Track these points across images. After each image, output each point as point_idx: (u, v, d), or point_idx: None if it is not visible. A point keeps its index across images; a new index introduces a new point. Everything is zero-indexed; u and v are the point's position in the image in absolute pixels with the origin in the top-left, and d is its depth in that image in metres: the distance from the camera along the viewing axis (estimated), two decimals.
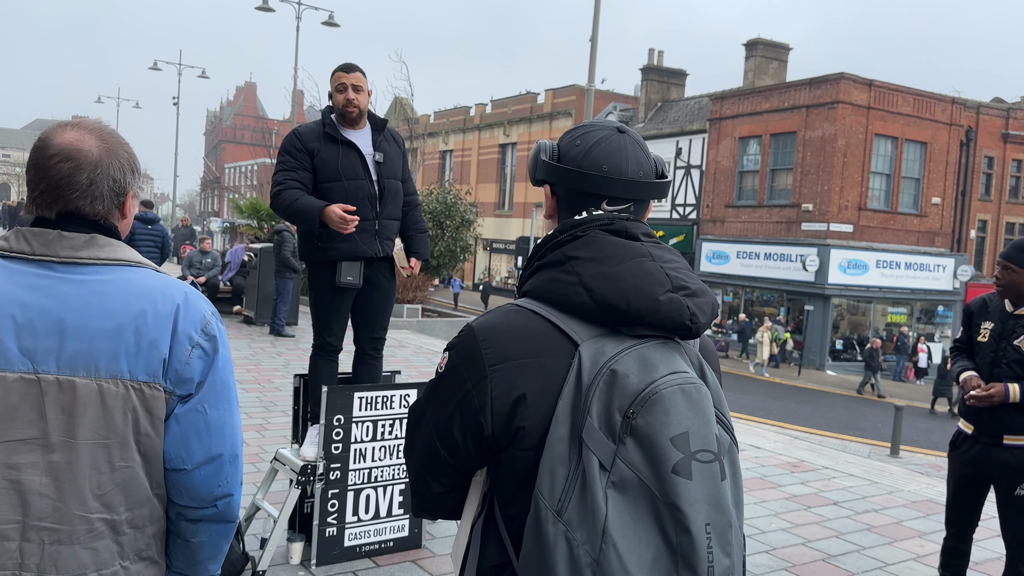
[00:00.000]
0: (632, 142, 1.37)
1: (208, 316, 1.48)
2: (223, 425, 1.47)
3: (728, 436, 1.24)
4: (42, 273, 1.39)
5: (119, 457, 1.39)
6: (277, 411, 7.02)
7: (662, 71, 34.72)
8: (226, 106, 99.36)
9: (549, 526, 1.14)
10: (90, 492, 1.37)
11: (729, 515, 1.17)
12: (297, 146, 3.76)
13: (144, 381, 1.39)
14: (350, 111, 3.76)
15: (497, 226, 41.70)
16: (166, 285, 1.45)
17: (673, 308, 1.22)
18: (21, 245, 1.40)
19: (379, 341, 4.12)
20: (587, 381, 1.18)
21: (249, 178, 70.86)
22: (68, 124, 1.47)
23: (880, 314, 27.26)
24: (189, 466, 1.44)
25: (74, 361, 1.35)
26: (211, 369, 1.45)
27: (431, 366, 10.04)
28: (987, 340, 3.53)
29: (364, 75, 3.81)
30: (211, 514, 1.49)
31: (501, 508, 1.28)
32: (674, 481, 1.13)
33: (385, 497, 3.96)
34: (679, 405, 1.16)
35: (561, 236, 1.31)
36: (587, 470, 1.14)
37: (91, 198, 1.43)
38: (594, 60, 15.75)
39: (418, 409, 1.37)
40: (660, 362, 1.20)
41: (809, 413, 16.28)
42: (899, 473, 6.81)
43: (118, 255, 1.44)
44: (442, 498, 1.38)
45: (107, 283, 1.40)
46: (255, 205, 18.25)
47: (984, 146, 28.20)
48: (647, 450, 1.14)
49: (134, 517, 1.42)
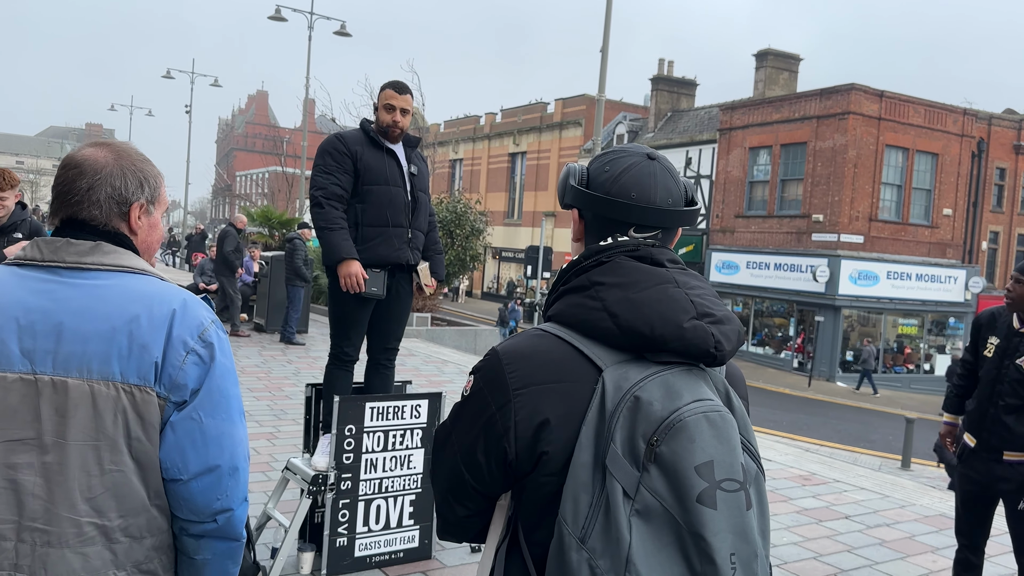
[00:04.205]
0: (662, 169, 1.36)
1: (207, 323, 1.47)
2: (221, 435, 1.45)
3: (755, 464, 1.23)
4: (48, 278, 1.42)
5: (109, 460, 1.38)
6: (288, 419, 7.03)
7: (672, 81, 34.74)
8: (238, 114, 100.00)
9: (573, 553, 1.13)
10: (79, 494, 1.37)
11: (755, 545, 1.16)
12: (340, 148, 3.80)
13: (135, 384, 1.39)
14: (394, 131, 3.86)
15: (506, 235, 41.73)
16: (165, 291, 1.46)
17: (698, 335, 1.21)
18: (34, 252, 1.45)
19: (392, 352, 4.15)
20: (611, 407, 1.17)
21: (260, 186, 71.10)
22: (96, 142, 1.53)
23: (891, 325, 27.11)
24: (185, 476, 1.43)
25: (68, 362, 1.37)
26: (207, 376, 1.44)
27: (440, 375, 10.05)
28: (991, 356, 3.55)
29: (412, 97, 3.91)
30: (211, 529, 1.48)
31: (525, 533, 1.28)
32: (699, 510, 1.11)
33: (396, 507, 3.96)
34: (704, 433, 1.15)
35: (586, 261, 1.31)
36: (611, 497, 1.13)
37: (88, 204, 1.46)
38: (604, 70, 15.77)
39: (444, 431, 1.36)
40: (684, 389, 1.19)
41: (819, 425, 16.19)
42: (911, 487, 6.76)
43: (123, 262, 1.47)
44: (467, 521, 1.38)
45: (106, 287, 1.42)
46: (266, 213, 18.34)
47: (996, 157, 28.08)
48: (671, 478, 1.13)
49: (128, 525, 1.41)
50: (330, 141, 3.86)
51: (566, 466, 1.18)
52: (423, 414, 4.01)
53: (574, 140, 38.03)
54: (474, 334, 15.09)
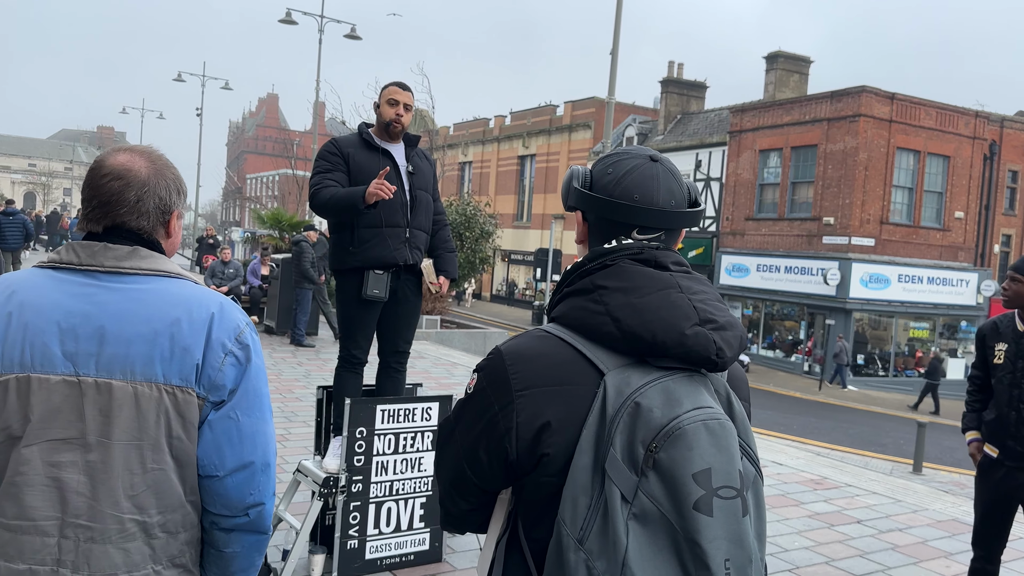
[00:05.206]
0: (665, 171, 1.37)
1: (242, 326, 1.54)
2: (255, 433, 1.52)
3: (753, 468, 1.24)
4: (87, 282, 1.46)
5: (151, 459, 1.44)
6: (298, 421, 7.05)
7: (682, 83, 34.67)
8: (248, 117, 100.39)
9: (570, 554, 1.15)
10: (122, 492, 1.42)
11: (750, 551, 1.18)
12: (333, 150, 3.91)
13: (177, 385, 1.45)
14: (395, 126, 3.90)
15: (515, 237, 41.74)
16: (202, 295, 1.52)
17: (699, 342, 1.22)
18: (70, 256, 1.49)
19: (403, 355, 4.15)
20: (611, 412, 1.19)
21: (271, 188, 71.40)
22: (122, 148, 1.57)
23: (902, 329, 26.97)
24: (221, 472, 1.49)
25: (112, 364, 1.42)
26: (244, 377, 1.51)
27: (450, 377, 10.06)
28: (1003, 361, 3.54)
29: (413, 96, 3.98)
30: (243, 523, 1.53)
31: (525, 530, 1.30)
32: (695, 517, 1.13)
33: (406, 510, 3.96)
34: (702, 441, 1.16)
35: (590, 264, 1.32)
36: (609, 501, 1.15)
37: (137, 214, 1.52)
38: (614, 72, 15.77)
39: (448, 426, 1.38)
40: (685, 396, 1.20)
41: (830, 429, 16.12)
42: (923, 491, 6.72)
43: (159, 266, 1.52)
44: (469, 514, 1.41)
45: (145, 291, 1.47)
46: (277, 215, 18.39)
47: (1008, 160, 27.90)
48: (669, 485, 1.14)
49: (166, 521, 1.46)
50: (326, 145, 3.98)
51: (566, 468, 1.20)
52: (434, 417, 4.01)
53: (583, 143, 38.03)
54: (483, 337, 15.10)
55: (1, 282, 1.48)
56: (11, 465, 1.40)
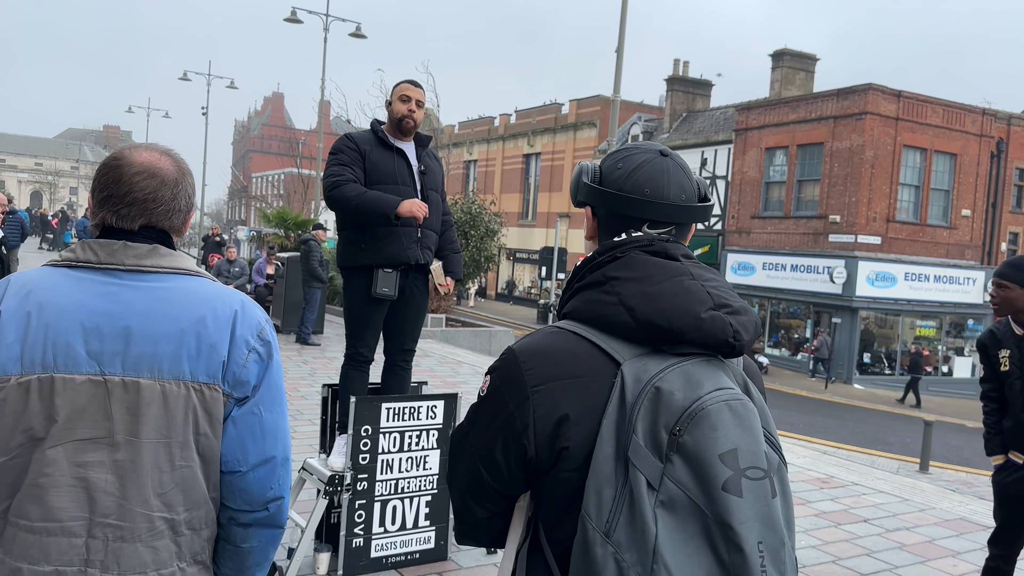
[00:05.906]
0: (674, 165, 1.36)
1: (263, 323, 1.55)
2: (276, 428, 1.53)
3: (777, 455, 1.22)
4: (108, 280, 1.46)
5: (179, 456, 1.44)
6: (303, 419, 7.06)
7: (687, 81, 34.60)
8: (254, 116, 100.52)
9: (598, 548, 1.12)
10: (152, 490, 1.42)
11: (781, 534, 1.14)
12: (350, 146, 3.87)
13: (204, 382, 1.45)
14: (407, 122, 3.89)
15: (520, 236, 41.71)
16: (224, 293, 1.53)
17: (715, 326, 1.20)
18: (88, 255, 1.47)
19: (409, 353, 4.15)
20: (631, 399, 1.17)
21: (276, 187, 71.51)
22: (140, 146, 1.57)
23: (909, 327, 26.88)
24: (244, 468, 1.50)
25: (139, 363, 1.42)
26: (266, 373, 1.52)
27: (455, 376, 10.05)
28: (1010, 368, 3.54)
29: (424, 94, 3.97)
30: (263, 518, 1.54)
31: (546, 532, 1.27)
32: (724, 499, 1.10)
33: (411, 508, 3.96)
34: (726, 421, 1.14)
35: (601, 257, 1.31)
36: (635, 490, 1.12)
37: (171, 212, 1.53)
38: (620, 70, 15.73)
39: (460, 433, 1.36)
40: (705, 378, 1.18)
41: (836, 427, 16.07)
42: (930, 490, 6.70)
43: (179, 264, 1.52)
44: (486, 523, 1.37)
45: (169, 290, 1.47)
46: (282, 214, 18.43)
47: (1016, 157, 27.76)
48: (695, 468, 1.12)
49: (192, 518, 1.47)
50: (341, 140, 3.93)
51: (586, 461, 1.18)
52: (439, 415, 4.01)
53: (589, 141, 37.97)
54: (488, 335, 15.09)
55: (14, 281, 1.45)
56: (33, 467, 1.38)
